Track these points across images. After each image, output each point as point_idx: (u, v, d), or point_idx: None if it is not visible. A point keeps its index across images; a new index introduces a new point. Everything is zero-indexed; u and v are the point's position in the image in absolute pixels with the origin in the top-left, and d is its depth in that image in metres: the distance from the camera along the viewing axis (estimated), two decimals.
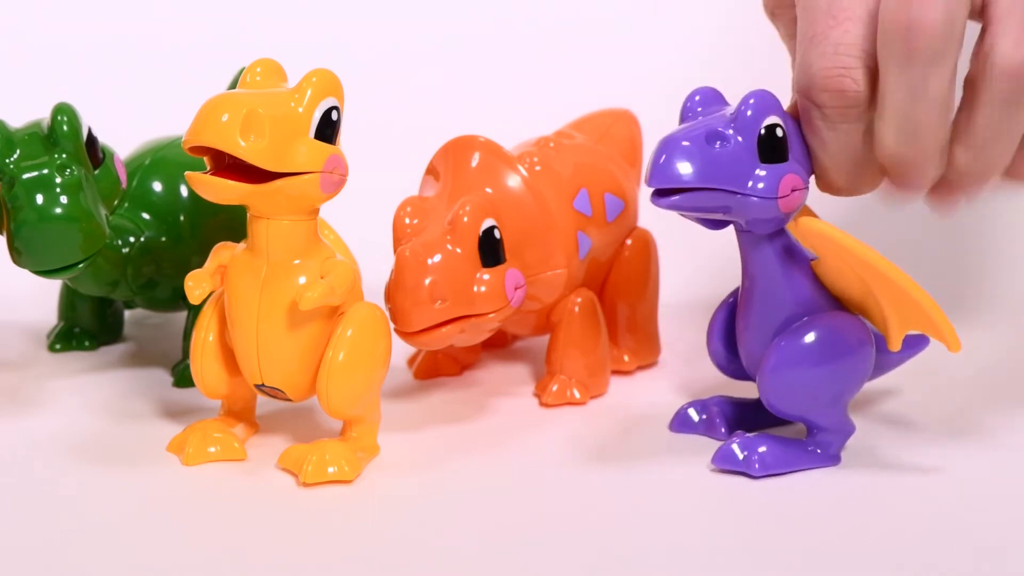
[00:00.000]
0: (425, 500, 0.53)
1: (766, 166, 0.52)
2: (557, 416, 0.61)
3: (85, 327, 0.68)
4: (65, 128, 0.57)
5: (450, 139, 0.61)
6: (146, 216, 0.63)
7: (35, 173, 0.56)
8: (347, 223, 0.59)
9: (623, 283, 0.65)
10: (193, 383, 0.59)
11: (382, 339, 0.54)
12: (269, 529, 0.50)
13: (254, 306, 0.53)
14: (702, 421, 0.58)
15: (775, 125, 0.52)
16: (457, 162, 0.60)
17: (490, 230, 0.57)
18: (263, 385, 0.54)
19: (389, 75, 0.88)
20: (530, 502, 0.53)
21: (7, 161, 0.56)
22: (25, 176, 0.56)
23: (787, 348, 0.54)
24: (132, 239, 0.62)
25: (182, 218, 0.63)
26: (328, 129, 0.52)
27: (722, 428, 0.58)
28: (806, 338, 0.54)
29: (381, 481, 0.54)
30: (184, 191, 0.63)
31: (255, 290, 0.53)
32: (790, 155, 0.53)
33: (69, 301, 0.69)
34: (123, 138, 0.64)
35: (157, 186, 0.63)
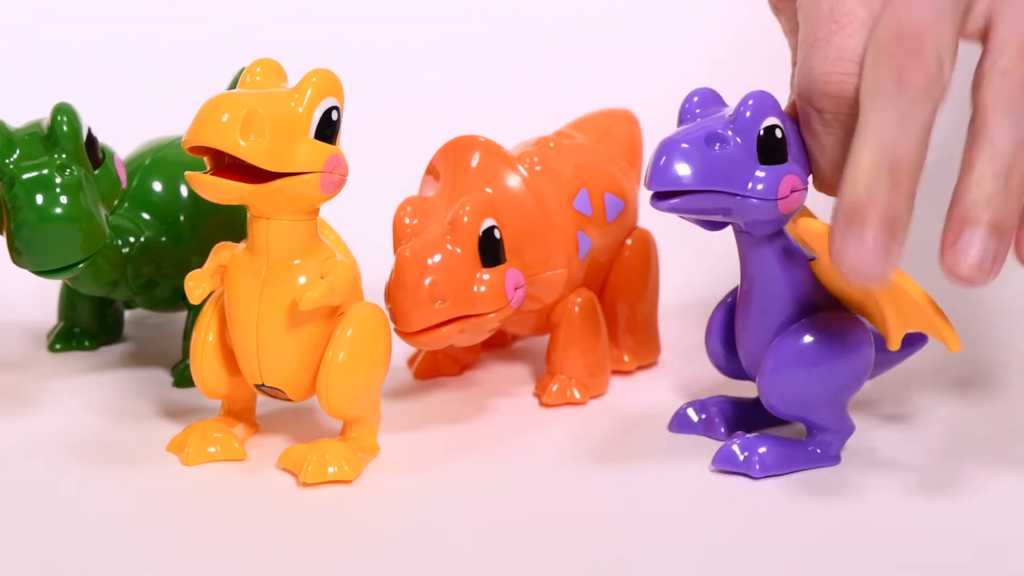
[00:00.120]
0: (425, 500, 0.53)
1: (765, 167, 0.52)
2: (557, 416, 0.61)
3: (85, 327, 0.68)
4: (65, 128, 0.57)
5: (450, 139, 0.61)
6: (146, 216, 0.63)
7: (35, 173, 0.56)
8: (347, 223, 0.59)
9: (623, 283, 0.65)
10: (193, 383, 0.58)
11: (382, 339, 0.54)
12: (269, 529, 0.50)
13: (254, 306, 0.53)
14: (701, 421, 0.58)
15: (774, 126, 0.52)
16: (457, 162, 0.60)
17: (490, 230, 0.57)
18: (263, 385, 0.54)
19: (389, 75, 0.87)
20: (530, 502, 0.53)
21: (7, 161, 0.56)
22: (25, 176, 0.56)
23: (786, 348, 0.54)
24: (132, 239, 0.62)
25: (182, 218, 0.63)
26: (328, 129, 0.52)
27: (721, 428, 0.58)
28: (805, 338, 0.54)
29: (381, 481, 0.54)
30: (184, 191, 0.63)
31: (255, 290, 0.53)
32: (789, 156, 0.53)
33: (69, 301, 0.68)
34: (123, 138, 0.64)
35: (157, 186, 0.63)
